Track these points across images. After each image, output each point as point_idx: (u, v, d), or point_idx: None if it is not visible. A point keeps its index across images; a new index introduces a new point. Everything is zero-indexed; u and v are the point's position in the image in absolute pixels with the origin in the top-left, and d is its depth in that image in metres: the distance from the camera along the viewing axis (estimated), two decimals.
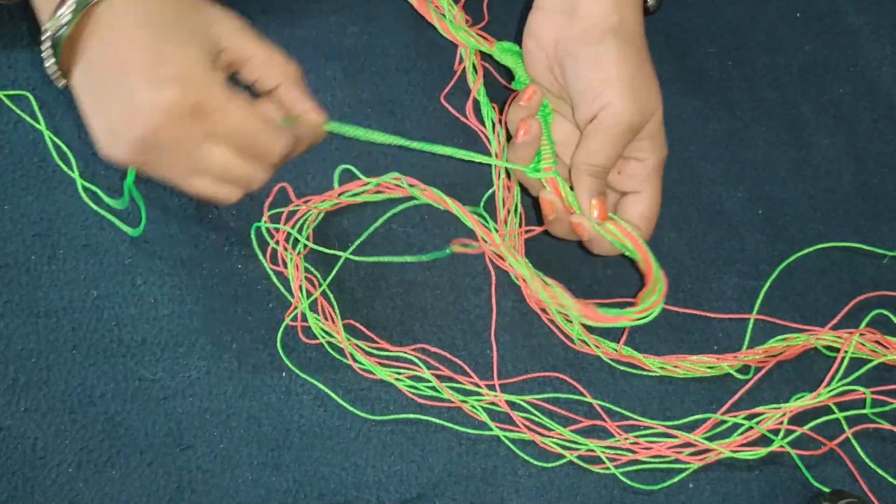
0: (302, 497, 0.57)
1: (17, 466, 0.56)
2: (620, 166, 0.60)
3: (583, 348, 0.63)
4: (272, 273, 0.62)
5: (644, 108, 0.57)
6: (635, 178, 0.60)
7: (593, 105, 0.57)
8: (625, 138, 0.57)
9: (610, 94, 0.56)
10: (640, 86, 0.57)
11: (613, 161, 0.58)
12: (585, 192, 0.59)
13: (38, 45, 0.66)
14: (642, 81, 0.58)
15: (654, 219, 0.60)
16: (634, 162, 0.60)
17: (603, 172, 0.59)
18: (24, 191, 0.62)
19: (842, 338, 0.64)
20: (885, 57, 0.76)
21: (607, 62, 0.57)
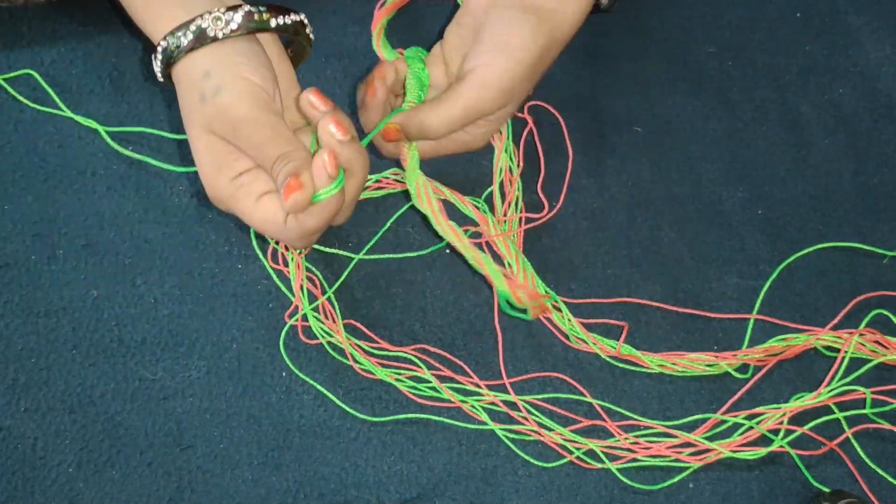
0: (302, 497, 0.57)
1: (17, 466, 0.56)
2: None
3: (581, 346, 0.63)
4: (273, 273, 0.62)
5: (511, 96, 0.57)
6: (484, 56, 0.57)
7: (475, 59, 0.56)
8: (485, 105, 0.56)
9: (486, 59, 0.56)
10: (522, 77, 0.56)
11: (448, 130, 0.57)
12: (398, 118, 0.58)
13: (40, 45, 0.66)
14: (529, 76, 0.57)
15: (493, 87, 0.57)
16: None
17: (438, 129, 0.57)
18: (24, 191, 0.62)
19: (842, 338, 0.64)
20: (885, 57, 0.76)
21: (523, 30, 0.56)
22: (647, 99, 0.72)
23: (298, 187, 0.48)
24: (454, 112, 0.56)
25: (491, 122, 0.59)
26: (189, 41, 0.49)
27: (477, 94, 0.56)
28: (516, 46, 0.56)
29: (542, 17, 0.56)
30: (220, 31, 0.49)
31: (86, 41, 0.67)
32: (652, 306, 0.65)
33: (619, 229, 0.67)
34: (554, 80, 0.71)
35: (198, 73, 0.50)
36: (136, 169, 0.64)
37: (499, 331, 0.62)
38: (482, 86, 0.56)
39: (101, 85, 0.66)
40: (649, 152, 0.70)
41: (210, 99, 0.49)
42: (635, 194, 0.68)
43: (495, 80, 0.56)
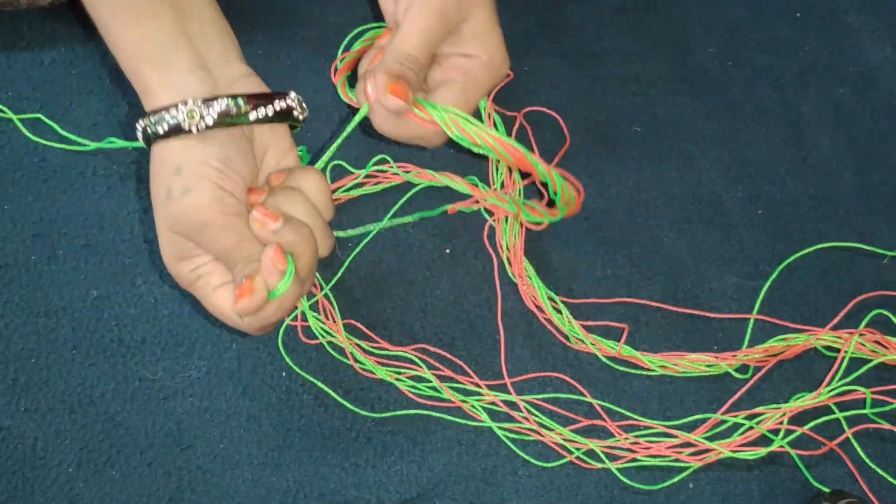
0: (302, 497, 0.57)
1: (17, 466, 0.56)
2: (441, 60, 0.56)
3: (581, 347, 0.63)
4: None
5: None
6: (456, 71, 0.55)
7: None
8: (436, 25, 0.53)
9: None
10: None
11: (423, 48, 0.53)
12: (383, 73, 0.52)
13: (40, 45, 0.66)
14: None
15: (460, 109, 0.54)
16: (461, 58, 0.55)
17: (409, 59, 0.53)
18: (24, 191, 0.62)
19: (842, 338, 0.64)
20: (885, 57, 0.76)
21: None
22: (647, 99, 0.72)
23: (250, 291, 0.47)
24: (415, 36, 0.53)
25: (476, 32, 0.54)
26: (164, 131, 0.47)
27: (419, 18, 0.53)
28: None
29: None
30: (195, 126, 0.47)
31: (86, 41, 0.67)
32: (652, 307, 0.65)
33: (619, 229, 0.67)
34: (554, 81, 0.71)
35: (169, 166, 0.48)
36: (136, 169, 0.64)
37: (501, 329, 0.62)
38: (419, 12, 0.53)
39: (101, 85, 0.66)
40: (649, 152, 0.70)
41: (176, 198, 0.48)
42: (635, 194, 0.68)
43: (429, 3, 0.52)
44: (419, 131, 0.54)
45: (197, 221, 0.48)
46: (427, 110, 0.52)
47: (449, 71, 0.55)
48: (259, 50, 0.68)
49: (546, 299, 0.63)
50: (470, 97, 0.54)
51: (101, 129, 0.65)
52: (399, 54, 0.53)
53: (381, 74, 0.52)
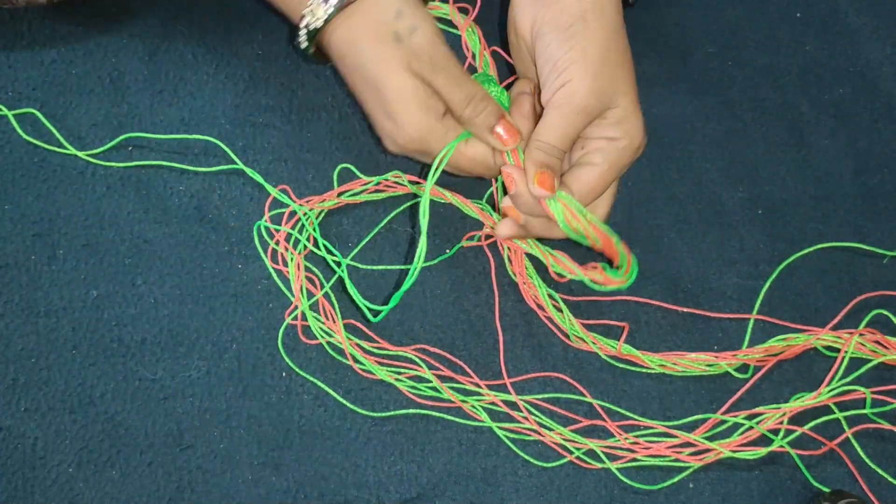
0: (302, 497, 0.57)
1: (17, 466, 0.56)
2: (584, 142, 0.59)
3: (581, 346, 0.63)
4: (273, 272, 0.62)
5: (604, 90, 0.56)
6: (597, 154, 0.58)
7: (554, 84, 0.57)
8: (579, 118, 0.56)
9: (569, 73, 0.56)
10: (603, 70, 0.56)
11: (566, 140, 0.57)
12: (531, 164, 0.57)
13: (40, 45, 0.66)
14: (607, 66, 0.57)
15: (595, 192, 0.59)
16: (604, 141, 0.58)
17: (553, 150, 0.57)
18: (24, 191, 0.62)
19: (842, 338, 0.64)
20: (885, 57, 0.76)
21: (573, 43, 0.56)
22: (647, 99, 0.72)
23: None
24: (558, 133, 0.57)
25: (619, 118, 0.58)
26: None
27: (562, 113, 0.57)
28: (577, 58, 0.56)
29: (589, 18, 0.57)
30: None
31: (86, 41, 0.67)
32: (652, 306, 0.65)
33: (619, 229, 0.67)
34: None
35: (390, 12, 0.52)
36: (136, 169, 0.64)
37: (500, 330, 0.62)
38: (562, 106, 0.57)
39: (101, 85, 0.66)
40: (649, 152, 0.70)
41: (407, 38, 0.52)
42: (635, 194, 0.68)
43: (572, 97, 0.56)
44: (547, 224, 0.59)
45: (433, 55, 0.52)
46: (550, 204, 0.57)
47: (591, 153, 0.58)
48: (259, 50, 0.68)
49: (546, 297, 0.63)
50: (609, 178, 0.59)
51: (100, 129, 0.65)
52: (543, 144, 0.57)
53: (530, 164, 0.57)
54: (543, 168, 0.57)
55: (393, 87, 0.53)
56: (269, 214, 0.63)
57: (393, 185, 0.65)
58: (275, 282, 0.62)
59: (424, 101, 0.53)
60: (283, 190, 0.64)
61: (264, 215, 0.63)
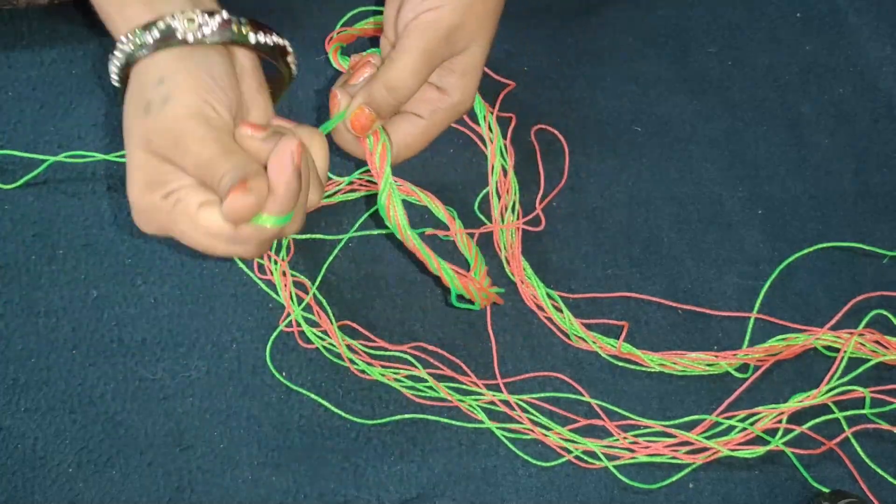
0: (302, 497, 0.57)
1: (17, 466, 0.56)
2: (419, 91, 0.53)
3: (580, 345, 0.63)
4: (261, 283, 0.62)
5: (469, 28, 0.51)
6: (425, 105, 0.53)
7: (420, 6, 0.51)
8: (440, 47, 0.51)
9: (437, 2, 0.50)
10: (476, 7, 0.51)
11: (419, 77, 0.51)
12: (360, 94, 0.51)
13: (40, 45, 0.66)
14: (481, 6, 0.52)
15: (413, 148, 0.54)
16: (435, 90, 0.53)
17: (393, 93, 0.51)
18: (24, 191, 0.62)
19: (841, 338, 0.64)
20: (885, 57, 0.76)
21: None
22: (647, 99, 0.72)
23: (243, 189, 0.42)
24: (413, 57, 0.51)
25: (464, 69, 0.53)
26: (154, 40, 0.44)
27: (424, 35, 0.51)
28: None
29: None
30: (192, 33, 0.44)
31: (86, 41, 0.67)
32: (652, 306, 0.65)
33: (619, 229, 0.67)
34: (554, 80, 0.71)
35: (152, 78, 0.44)
36: None
37: (491, 334, 0.62)
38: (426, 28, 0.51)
39: (101, 85, 0.66)
40: (649, 152, 0.70)
41: (156, 109, 0.44)
42: (635, 194, 0.68)
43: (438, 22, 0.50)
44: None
45: (178, 131, 0.43)
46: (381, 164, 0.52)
47: (417, 102, 0.53)
48: None
49: (546, 298, 0.63)
50: (431, 137, 0.54)
51: (100, 129, 0.65)
52: (385, 86, 0.51)
53: (358, 98, 0.51)
54: (369, 105, 0.51)
55: (128, 159, 0.45)
56: None
57: (365, 183, 0.65)
58: (267, 289, 0.62)
59: (149, 178, 0.45)
60: None
61: None
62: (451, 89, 0.53)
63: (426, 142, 0.54)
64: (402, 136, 0.53)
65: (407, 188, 0.64)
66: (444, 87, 0.53)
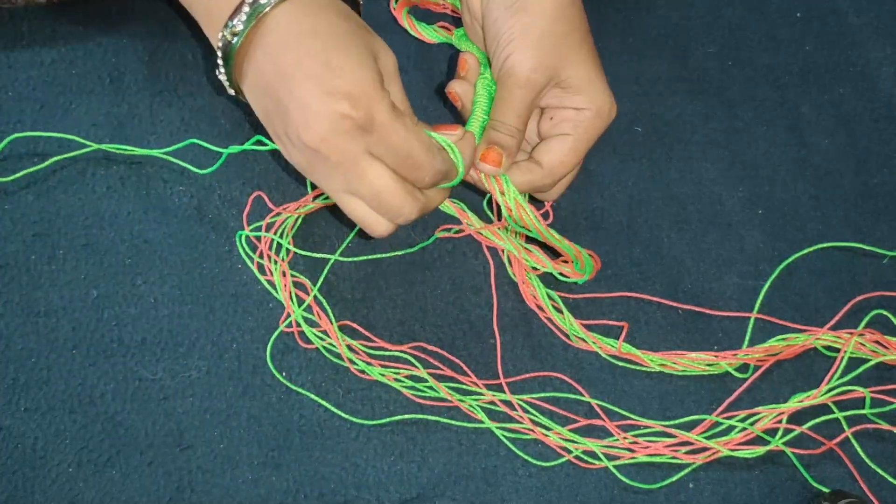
0: (302, 497, 0.57)
1: (17, 466, 0.56)
2: (553, 112, 0.59)
3: (580, 345, 0.63)
4: (265, 282, 0.62)
5: (546, 62, 0.56)
6: (566, 124, 0.58)
7: (499, 59, 0.56)
8: (523, 92, 0.56)
9: (511, 48, 0.56)
10: (545, 42, 0.56)
11: (516, 115, 0.57)
12: (483, 141, 0.57)
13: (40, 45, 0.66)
14: (551, 38, 0.56)
15: (567, 165, 0.58)
16: (571, 111, 0.58)
17: (504, 126, 0.57)
18: (24, 191, 0.62)
19: (842, 338, 0.64)
20: (885, 57, 0.76)
21: (518, 17, 0.56)
22: (647, 99, 0.72)
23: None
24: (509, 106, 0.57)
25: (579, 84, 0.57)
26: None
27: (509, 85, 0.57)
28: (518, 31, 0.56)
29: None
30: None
31: (86, 41, 0.67)
32: (652, 306, 0.65)
33: (619, 229, 0.67)
34: None
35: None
36: (137, 169, 0.64)
37: (497, 332, 0.62)
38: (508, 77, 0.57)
39: (101, 85, 0.66)
40: (649, 152, 0.70)
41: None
42: (635, 194, 0.68)
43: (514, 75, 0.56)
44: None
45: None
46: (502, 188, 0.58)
47: (559, 124, 0.58)
48: None
49: (546, 298, 0.63)
50: (580, 149, 0.58)
51: (101, 129, 0.65)
52: (497, 123, 0.57)
53: (483, 141, 0.57)
54: (492, 144, 0.57)
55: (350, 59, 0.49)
56: (248, 226, 0.63)
57: None
58: (268, 288, 0.62)
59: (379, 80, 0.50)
60: (260, 199, 0.64)
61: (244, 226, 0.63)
62: (580, 105, 0.57)
63: (577, 154, 0.58)
64: (553, 154, 0.58)
65: None
66: (577, 106, 0.58)
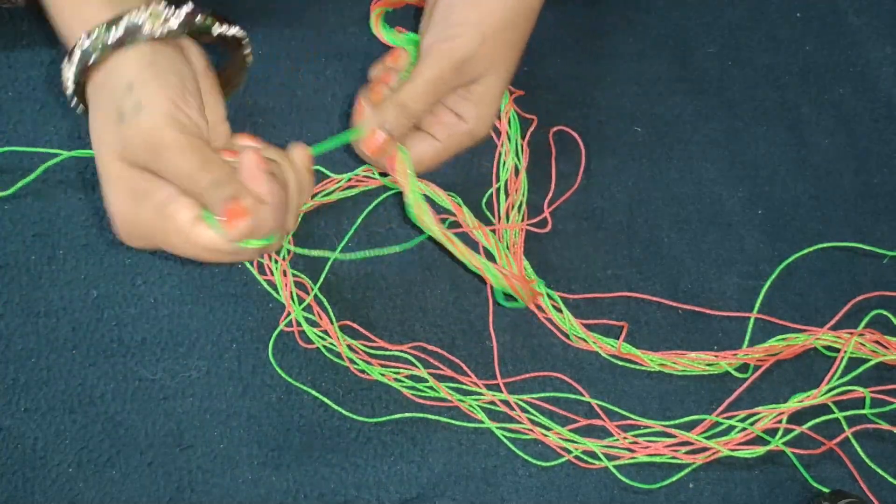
0: (302, 497, 0.57)
1: (17, 466, 0.56)
2: (438, 112, 0.55)
3: (580, 345, 0.63)
4: (265, 282, 0.62)
5: (483, 59, 0.53)
6: (442, 128, 0.55)
7: (440, 34, 0.53)
8: (449, 75, 0.53)
9: (460, 30, 0.52)
10: (493, 40, 0.53)
11: (427, 94, 0.53)
12: (374, 119, 0.53)
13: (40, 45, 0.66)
14: (499, 40, 0.54)
15: (426, 166, 0.55)
16: (453, 115, 0.55)
17: (410, 112, 0.53)
18: (24, 191, 0.62)
19: (842, 338, 0.64)
20: (885, 57, 0.76)
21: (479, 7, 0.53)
22: (647, 99, 0.72)
23: (243, 212, 0.43)
24: (425, 81, 0.52)
25: (479, 98, 0.55)
26: (117, 38, 0.43)
27: (437, 63, 0.52)
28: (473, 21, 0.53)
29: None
30: (158, 28, 0.43)
31: None
32: (652, 306, 0.65)
33: (619, 229, 0.67)
34: (554, 81, 0.71)
35: (121, 83, 0.43)
36: None
37: (493, 333, 0.62)
38: (440, 56, 0.52)
39: None
40: (649, 152, 0.70)
41: (130, 117, 0.43)
42: (635, 194, 0.68)
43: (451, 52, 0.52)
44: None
45: (155, 141, 0.43)
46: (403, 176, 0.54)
47: (435, 125, 0.55)
48: (259, 50, 0.68)
49: (546, 298, 0.63)
50: (442, 158, 0.56)
51: None
52: (401, 106, 0.53)
53: (372, 120, 0.53)
54: (381, 129, 0.53)
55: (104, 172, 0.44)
56: None
57: (364, 179, 0.65)
58: (268, 289, 0.62)
59: (135, 191, 0.44)
60: None
61: None
62: (467, 116, 0.55)
63: (438, 162, 0.56)
64: (417, 154, 0.55)
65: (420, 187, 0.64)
66: (461, 113, 0.55)
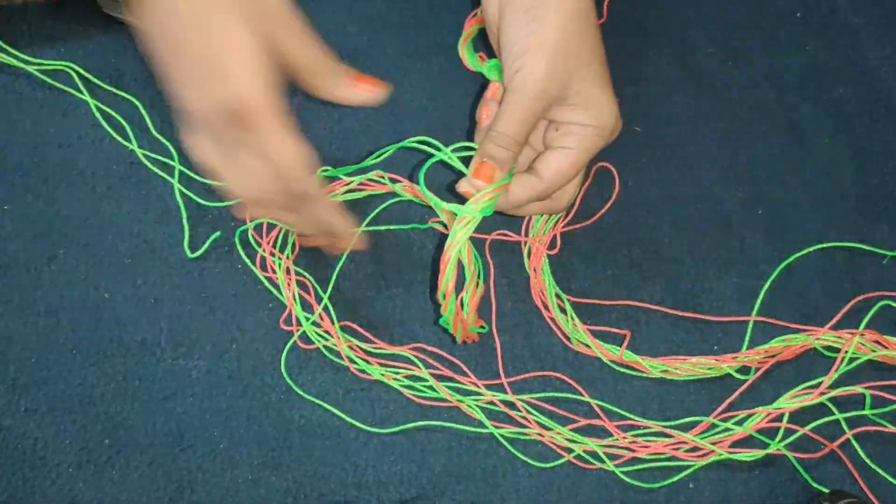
0: (302, 497, 0.57)
1: (17, 466, 0.56)
2: (559, 125, 0.58)
3: (582, 350, 0.63)
4: (266, 282, 0.62)
5: (557, 76, 0.55)
6: (570, 138, 0.57)
7: (510, 69, 0.55)
8: (533, 105, 0.55)
9: (524, 59, 0.55)
10: (557, 55, 0.55)
11: (520, 127, 0.55)
12: (478, 153, 0.55)
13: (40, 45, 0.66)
14: (563, 51, 0.55)
15: (566, 175, 0.57)
16: (576, 125, 0.57)
17: (504, 139, 0.55)
18: (24, 191, 0.62)
19: (842, 338, 0.64)
20: (885, 57, 0.76)
21: (532, 28, 0.55)
22: (647, 99, 0.72)
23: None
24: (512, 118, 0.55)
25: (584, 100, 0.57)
26: None
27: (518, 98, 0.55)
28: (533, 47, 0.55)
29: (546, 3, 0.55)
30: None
31: (86, 41, 0.67)
32: (652, 307, 0.65)
33: (619, 229, 0.67)
34: None
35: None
36: (136, 169, 0.64)
37: (496, 335, 0.62)
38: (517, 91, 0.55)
39: (102, 85, 0.66)
40: (649, 152, 0.70)
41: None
42: (635, 194, 0.68)
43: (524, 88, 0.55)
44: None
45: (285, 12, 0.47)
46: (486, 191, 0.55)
47: (564, 136, 0.57)
48: None
49: (553, 297, 0.63)
50: (580, 162, 0.58)
51: (101, 129, 0.65)
52: (496, 135, 0.55)
53: (477, 153, 0.56)
54: (487, 158, 0.55)
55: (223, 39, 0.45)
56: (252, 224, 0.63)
57: (373, 184, 0.65)
58: (269, 288, 0.62)
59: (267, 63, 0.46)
60: None
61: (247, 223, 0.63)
62: (584, 121, 0.57)
63: (576, 167, 0.58)
64: (553, 166, 0.57)
65: (414, 189, 0.64)
66: (582, 122, 0.57)
